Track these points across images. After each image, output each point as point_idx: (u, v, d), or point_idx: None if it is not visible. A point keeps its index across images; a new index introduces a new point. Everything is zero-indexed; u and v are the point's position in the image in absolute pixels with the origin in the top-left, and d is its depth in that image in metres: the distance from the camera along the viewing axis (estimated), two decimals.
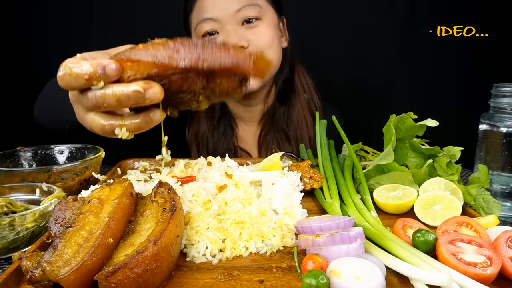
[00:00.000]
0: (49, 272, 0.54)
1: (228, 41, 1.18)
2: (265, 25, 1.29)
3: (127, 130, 0.62)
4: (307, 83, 1.47)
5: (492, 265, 0.60)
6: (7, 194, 0.87)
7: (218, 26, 1.24)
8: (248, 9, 1.25)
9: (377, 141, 1.04)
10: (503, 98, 0.94)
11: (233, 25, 1.24)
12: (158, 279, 0.58)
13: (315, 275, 0.57)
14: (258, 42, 1.25)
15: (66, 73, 0.60)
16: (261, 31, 1.27)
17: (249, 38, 1.24)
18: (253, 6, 1.26)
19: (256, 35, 1.25)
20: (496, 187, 0.96)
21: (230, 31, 1.23)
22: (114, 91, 0.59)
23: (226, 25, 1.23)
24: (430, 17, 1.89)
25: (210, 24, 1.24)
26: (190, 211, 0.76)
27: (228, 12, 1.23)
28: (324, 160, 1.00)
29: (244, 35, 1.24)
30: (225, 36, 1.23)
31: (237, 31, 1.24)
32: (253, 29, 1.26)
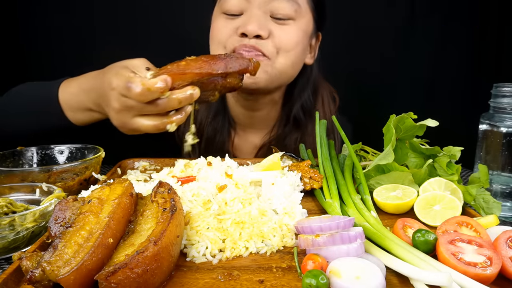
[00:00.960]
0: (49, 272, 0.54)
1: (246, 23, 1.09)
2: (296, 27, 1.15)
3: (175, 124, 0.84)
4: (329, 109, 1.34)
5: (492, 265, 0.60)
6: (7, 194, 0.87)
7: (246, 6, 1.12)
8: (285, 2, 1.12)
9: (377, 141, 1.04)
10: (503, 98, 0.94)
11: (261, 11, 1.12)
12: (158, 279, 0.58)
13: (315, 275, 0.57)
14: (280, 38, 1.13)
15: (145, 89, 0.78)
16: (290, 30, 1.14)
17: (273, 30, 1.12)
18: (291, 2, 1.13)
19: (282, 31, 1.13)
20: (496, 187, 0.96)
21: (253, 15, 1.10)
22: (177, 96, 0.81)
23: (253, 8, 1.11)
24: (430, 17, 1.89)
25: (237, 1, 1.12)
26: (190, 211, 0.76)
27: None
28: (324, 160, 1.00)
29: (267, 25, 1.12)
30: (246, 19, 1.11)
31: (262, 18, 1.11)
32: (281, 25, 1.14)
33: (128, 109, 0.83)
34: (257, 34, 1.09)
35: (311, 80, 1.33)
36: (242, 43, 1.11)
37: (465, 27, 1.91)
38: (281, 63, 1.16)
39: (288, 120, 1.33)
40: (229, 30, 1.14)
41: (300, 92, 1.31)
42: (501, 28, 1.88)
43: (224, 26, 1.15)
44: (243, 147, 1.39)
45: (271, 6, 1.12)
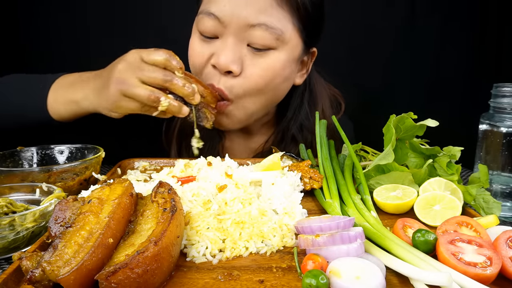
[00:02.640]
0: (49, 272, 0.54)
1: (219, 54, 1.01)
2: (275, 58, 1.02)
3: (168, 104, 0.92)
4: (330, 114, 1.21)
5: (492, 265, 0.60)
6: (7, 194, 0.87)
7: (220, 30, 1.01)
8: (263, 31, 0.98)
9: (377, 141, 1.04)
10: (503, 98, 0.94)
11: (237, 39, 1.00)
12: (159, 279, 0.58)
13: (315, 275, 0.57)
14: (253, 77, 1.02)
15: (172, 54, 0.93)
16: (267, 64, 1.02)
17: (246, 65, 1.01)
18: (272, 30, 0.98)
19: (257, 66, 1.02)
20: (496, 187, 0.96)
21: (227, 45, 1.00)
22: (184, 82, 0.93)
23: (228, 35, 1.00)
24: (430, 17, 1.89)
25: (210, 22, 1.00)
26: (190, 211, 0.76)
27: (238, 17, 0.98)
28: (324, 160, 1.00)
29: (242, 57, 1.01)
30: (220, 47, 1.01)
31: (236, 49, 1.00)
32: (257, 57, 1.02)
33: (135, 68, 0.90)
34: (228, 70, 1.01)
35: (306, 97, 1.24)
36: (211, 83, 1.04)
37: (465, 27, 1.91)
38: (249, 106, 1.08)
39: (284, 137, 1.26)
40: (203, 57, 1.05)
41: (295, 112, 1.23)
42: (501, 28, 1.88)
43: (199, 51, 1.06)
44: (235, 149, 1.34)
45: (248, 35, 0.99)
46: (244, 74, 1.03)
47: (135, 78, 0.91)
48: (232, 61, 1.00)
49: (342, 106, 1.31)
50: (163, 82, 0.91)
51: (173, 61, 0.92)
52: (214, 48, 1.04)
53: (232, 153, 1.32)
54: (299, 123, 1.24)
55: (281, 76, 1.06)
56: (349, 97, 1.74)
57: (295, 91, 1.23)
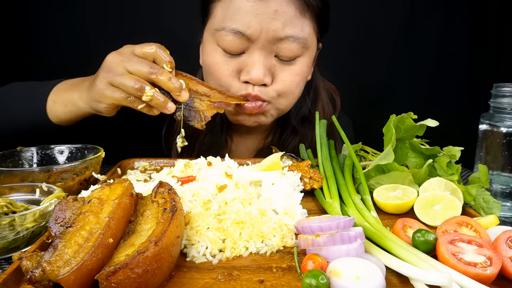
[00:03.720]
0: (49, 272, 0.54)
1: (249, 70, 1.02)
2: (301, 64, 1.06)
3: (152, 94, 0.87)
4: (329, 111, 1.29)
5: (492, 265, 0.60)
6: (7, 194, 0.87)
7: (246, 45, 1.01)
8: (291, 43, 1.00)
9: (377, 141, 1.04)
10: (503, 98, 0.94)
11: (265, 52, 1.01)
12: (158, 279, 0.58)
13: (315, 275, 0.57)
14: (284, 83, 1.06)
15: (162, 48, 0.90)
16: (296, 70, 1.06)
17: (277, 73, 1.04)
18: (299, 41, 1.01)
19: (287, 73, 1.05)
20: (496, 187, 0.96)
21: (257, 59, 1.01)
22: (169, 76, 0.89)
23: (256, 49, 1.01)
24: (430, 17, 1.89)
25: (237, 40, 1.00)
26: (190, 211, 0.76)
27: (266, 32, 0.98)
28: (324, 160, 1.00)
29: (271, 68, 1.03)
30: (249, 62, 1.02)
31: (266, 62, 1.02)
32: (286, 66, 1.05)
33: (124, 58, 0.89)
34: (262, 83, 1.03)
35: (311, 92, 1.28)
36: (247, 93, 1.05)
37: (465, 27, 1.91)
38: (282, 104, 1.13)
39: (285, 129, 1.29)
40: (230, 72, 1.06)
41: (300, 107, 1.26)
42: (501, 28, 1.88)
43: (224, 67, 1.06)
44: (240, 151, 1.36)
45: (276, 47, 1.02)
46: (276, 81, 1.07)
47: (123, 68, 0.89)
48: (264, 74, 1.02)
49: (337, 101, 1.34)
50: (149, 74, 0.88)
51: (162, 54, 0.89)
52: (240, 63, 1.05)
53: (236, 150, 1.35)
54: (301, 116, 1.27)
55: (306, 77, 1.14)
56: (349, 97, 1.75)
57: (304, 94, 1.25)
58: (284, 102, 1.13)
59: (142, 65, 0.89)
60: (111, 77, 0.90)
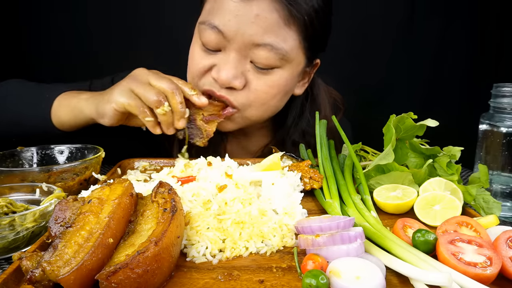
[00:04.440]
0: (49, 272, 0.54)
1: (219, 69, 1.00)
2: (279, 76, 1.02)
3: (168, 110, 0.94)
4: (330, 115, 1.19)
5: (492, 265, 0.60)
6: (7, 194, 0.87)
7: (223, 44, 0.99)
8: (268, 51, 0.96)
9: (377, 141, 1.04)
10: (503, 98, 0.94)
11: (240, 55, 0.99)
12: (159, 279, 0.58)
13: (315, 275, 0.57)
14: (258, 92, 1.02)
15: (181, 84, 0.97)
16: (269, 80, 1.02)
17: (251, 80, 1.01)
18: (277, 51, 0.97)
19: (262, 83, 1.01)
20: (496, 187, 0.96)
21: (230, 60, 0.99)
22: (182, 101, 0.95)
23: (231, 49, 0.99)
24: (430, 19, 1.89)
25: (213, 35, 0.98)
26: (190, 211, 0.76)
27: (242, 35, 0.96)
28: (324, 160, 1.00)
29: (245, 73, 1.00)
30: (222, 61, 1.00)
31: (239, 65, 0.99)
32: (262, 74, 1.02)
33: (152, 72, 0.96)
34: (229, 86, 1.00)
35: (307, 105, 1.24)
36: (211, 89, 1.03)
37: (465, 27, 1.91)
38: (253, 114, 1.08)
39: (286, 143, 1.26)
40: (203, 67, 1.04)
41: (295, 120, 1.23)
42: (501, 28, 1.88)
43: (200, 61, 1.05)
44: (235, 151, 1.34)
45: (252, 53, 0.98)
46: (248, 88, 1.03)
47: (147, 80, 0.95)
48: (234, 77, 0.99)
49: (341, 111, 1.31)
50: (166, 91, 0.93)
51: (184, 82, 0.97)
52: (215, 60, 1.03)
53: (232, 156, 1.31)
54: (301, 130, 1.24)
55: (284, 91, 1.08)
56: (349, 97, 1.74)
57: (295, 99, 1.22)
58: (254, 113, 1.08)
59: (166, 82, 0.94)
60: (135, 84, 0.94)
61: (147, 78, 0.95)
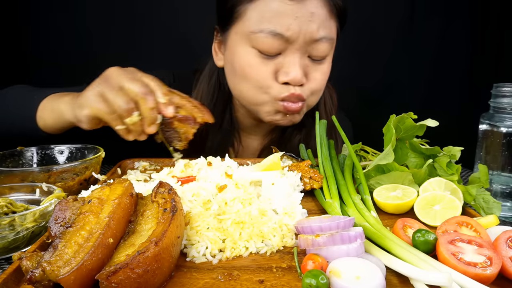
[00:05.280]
0: (49, 272, 0.54)
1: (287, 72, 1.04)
2: (327, 63, 1.11)
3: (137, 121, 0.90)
4: (330, 106, 1.32)
5: (492, 265, 0.60)
6: (7, 194, 0.87)
7: (283, 46, 1.03)
8: (324, 43, 1.04)
9: (377, 141, 1.04)
10: (503, 98, 0.94)
11: (300, 53, 1.04)
12: (159, 280, 0.58)
13: (315, 275, 0.57)
14: (316, 81, 1.10)
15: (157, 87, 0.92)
16: (324, 69, 1.10)
17: (310, 73, 1.08)
18: (330, 41, 1.06)
19: (318, 72, 1.09)
20: (496, 187, 0.96)
21: (294, 60, 1.04)
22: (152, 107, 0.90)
23: (293, 50, 1.03)
24: (430, 19, 1.89)
25: (276, 42, 1.01)
26: (190, 211, 0.76)
27: (304, 34, 1.01)
28: (324, 160, 1.00)
29: (305, 69, 1.06)
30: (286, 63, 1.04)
31: (302, 62, 1.05)
32: (317, 65, 1.09)
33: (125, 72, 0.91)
34: (300, 83, 1.06)
35: None
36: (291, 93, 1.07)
37: (465, 27, 1.91)
38: (312, 101, 1.17)
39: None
40: (267, 74, 1.07)
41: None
42: (501, 28, 1.88)
43: (261, 68, 1.07)
44: (245, 153, 1.38)
45: (311, 48, 1.05)
46: (309, 81, 1.09)
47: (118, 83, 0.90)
48: (301, 75, 1.05)
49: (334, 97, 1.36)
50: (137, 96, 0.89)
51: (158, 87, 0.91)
52: (277, 64, 1.06)
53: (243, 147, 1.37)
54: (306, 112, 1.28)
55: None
56: (349, 97, 1.74)
57: None
58: (314, 100, 1.17)
59: (138, 85, 0.89)
60: (105, 88, 0.90)
61: (119, 81, 0.89)
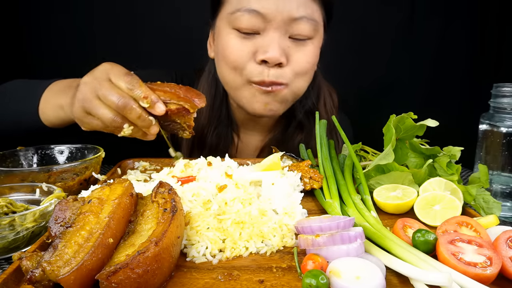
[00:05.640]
0: (49, 272, 0.54)
1: (266, 50, 1.04)
2: (313, 46, 1.11)
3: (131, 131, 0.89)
4: (330, 107, 1.32)
5: (492, 265, 0.60)
6: (7, 194, 0.87)
7: (262, 25, 1.04)
8: (304, 23, 1.05)
9: (377, 141, 1.04)
10: (503, 98, 0.94)
11: (280, 32, 1.05)
12: (159, 280, 0.58)
13: (315, 275, 0.57)
14: (298, 63, 1.09)
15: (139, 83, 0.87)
16: (308, 52, 1.10)
17: (291, 54, 1.07)
18: (311, 22, 1.07)
19: (301, 54, 1.09)
20: (496, 187, 0.96)
21: (273, 39, 1.04)
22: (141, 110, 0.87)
23: (271, 29, 1.04)
24: (430, 19, 1.89)
25: (252, 19, 1.03)
26: (190, 211, 0.76)
27: (281, 12, 1.02)
28: (324, 160, 1.00)
29: (286, 49, 1.06)
30: (265, 42, 1.04)
31: (281, 42, 1.05)
32: (300, 46, 1.09)
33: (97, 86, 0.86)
34: (279, 62, 1.05)
35: (316, 84, 1.30)
36: (262, 79, 1.07)
37: (465, 27, 1.91)
38: (297, 87, 1.15)
39: (291, 123, 1.31)
40: (245, 53, 1.07)
41: (305, 99, 1.27)
42: (501, 28, 1.88)
43: (239, 48, 1.08)
44: (246, 150, 1.38)
45: (290, 28, 1.06)
46: (291, 62, 1.09)
47: (97, 98, 0.87)
48: (280, 54, 1.05)
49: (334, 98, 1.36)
50: (119, 110, 0.86)
51: (137, 91, 0.86)
52: (256, 44, 1.07)
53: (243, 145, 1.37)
54: (305, 109, 1.29)
55: (315, 62, 1.17)
56: (350, 97, 1.74)
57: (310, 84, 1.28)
58: (299, 85, 1.15)
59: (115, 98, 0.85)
60: (88, 107, 0.87)
61: (97, 94, 0.86)
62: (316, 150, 1.04)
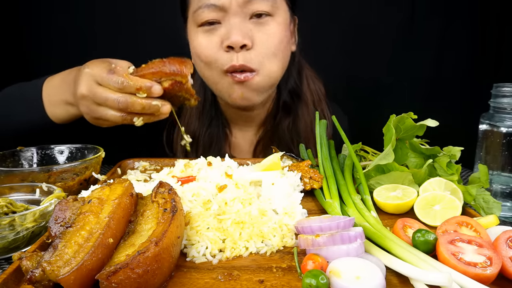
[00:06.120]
0: (49, 272, 0.54)
1: (228, 36, 1.09)
2: (275, 24, 1.15)
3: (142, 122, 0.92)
4: (316, 90, 1.36)
5: (492, 265, 0.60)
6: (7, 194, 0.87)
7: (222, 15, 1.11)
8: (259, 1, 1.11)
9: (377, 141, 1.04)
10: (503, 98, 0.94)
11: (240, 17, 1.11)
12: (159, 280, 0.58)
13: (315, 275, 0.57)
14: (264, 44, 1.12)
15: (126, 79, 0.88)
16: (271, 30, 1.14)
17: (255, 36, 1.12)
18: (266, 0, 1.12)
19: (263, 33, 1.12)
20: (496, 187, 0.96)
21: (234, 24, 1.10)
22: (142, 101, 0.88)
23: (231, 17, 1.10)
24: (430, 19, 1.89)
25: (212, 13, 1.10)
26: (190, 211, 0.76)
27: (236, 0, 1.10)
28: (324, 160, 1.00)
29: (249, 32, 1.11)
30: (227, 29, 1.10)
31: (243, 26, 1.10)
32: (261, 26, 1.13)
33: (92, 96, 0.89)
34: (242, 44, 1.09)
35: (296, 64, 1.33)
36: (231, 65, 1.10)
37: (465, 27, 1.91)
38: (270, 70, 1.16)
39: (278, 106, 1.34)
40: (213, 45, 1.13)
41: (287, 79, 1.31)
42: (501, 28, 1.88)
43: (207, 42, 1.14)
44: (241, 146, 1.39)
45: (248, 9, 1.11)
46: (256, 44, 1.12)
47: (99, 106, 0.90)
48: (243, 36, 1.09)
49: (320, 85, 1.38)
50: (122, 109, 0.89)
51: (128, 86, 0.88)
52: (220, 34, 1.12)
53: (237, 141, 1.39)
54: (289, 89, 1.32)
55: (285, 39, 1.18)
56: (350, 96, 1.74)
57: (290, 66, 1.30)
58: (271, 68, 1.16)
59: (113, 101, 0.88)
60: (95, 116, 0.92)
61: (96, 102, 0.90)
62: (316, 150, 1.04)
